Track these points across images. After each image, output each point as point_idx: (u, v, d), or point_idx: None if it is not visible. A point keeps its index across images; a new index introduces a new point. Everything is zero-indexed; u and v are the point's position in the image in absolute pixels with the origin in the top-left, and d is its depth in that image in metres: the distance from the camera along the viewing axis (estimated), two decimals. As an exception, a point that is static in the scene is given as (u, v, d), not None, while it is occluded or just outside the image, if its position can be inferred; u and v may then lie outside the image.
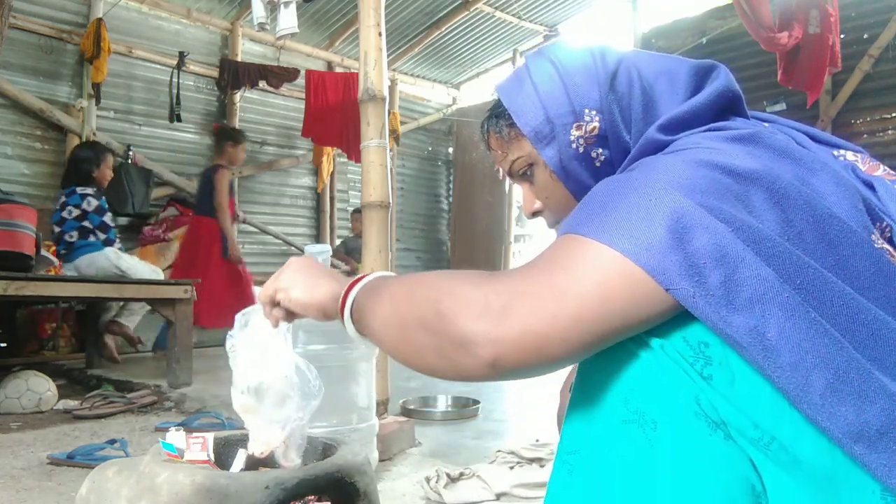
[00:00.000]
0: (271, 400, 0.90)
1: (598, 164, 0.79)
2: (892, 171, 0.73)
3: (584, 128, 0.77)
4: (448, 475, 1.62)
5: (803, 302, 0.56)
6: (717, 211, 0.58)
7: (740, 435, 0.57)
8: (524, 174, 0.86)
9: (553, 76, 0.79)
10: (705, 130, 0.71)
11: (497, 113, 0.86)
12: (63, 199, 3.65)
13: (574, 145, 0.78)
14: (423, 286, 0.63)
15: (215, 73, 6.14)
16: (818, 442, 0.56)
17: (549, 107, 0.78)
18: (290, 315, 0.89)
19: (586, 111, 0.77)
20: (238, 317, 0.95)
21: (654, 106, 0.77)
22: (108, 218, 3.64)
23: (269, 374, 0.90)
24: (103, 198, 3.69)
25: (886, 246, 0.64)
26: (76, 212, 3.56)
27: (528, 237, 8.81)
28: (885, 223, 0.67)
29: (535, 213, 0.89)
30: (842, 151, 0.75)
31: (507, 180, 1.00)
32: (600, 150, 0.78)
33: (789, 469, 0.56)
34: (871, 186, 0.70)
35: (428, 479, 1.64)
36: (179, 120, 5.81)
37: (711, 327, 0.56)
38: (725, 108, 0.76)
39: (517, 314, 0.56)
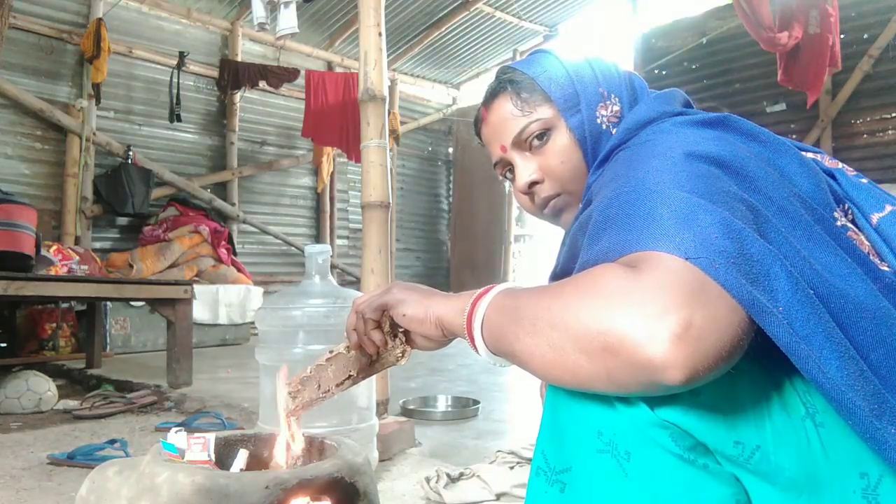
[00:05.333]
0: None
1: None
2: (850, 169, 0.79)
3: (609, 108, 0.86)
4: (448, 475, 1.62)
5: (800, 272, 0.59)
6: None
7: (719, 454, 0.58)
8: (530, 142, 0.88)
9: (580, 61, 0.89)
10: (675, 115, 0.78)
11: (514, 79, 0.89)
12: None
13: (598, 120, 0.86)
14: (569, 312, 0.57)
15: (215, 73, 6.15)
16: (799, 447, 0.57)
17: (577, 82, 0.86)
18: (386, 340, 0.84)
19: (612, 95, 0.86)
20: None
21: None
22: None
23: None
24: None
25: (849, 224, 0.70)
26: None
27: (528, 237, 8.80)
28: (846, 205, 0.73)
29: (532, 184, 0.89)
30: (803, 152, 0.78)
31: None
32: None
33: (771, 478, 0.58)
34: (832, 176, 0.76)
35: (428, 479, 1.64)
36: (179, 120, 5.81)
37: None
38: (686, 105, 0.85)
39: (702, 332, 0.52)
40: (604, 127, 0.85)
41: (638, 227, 0.60)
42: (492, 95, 0.91)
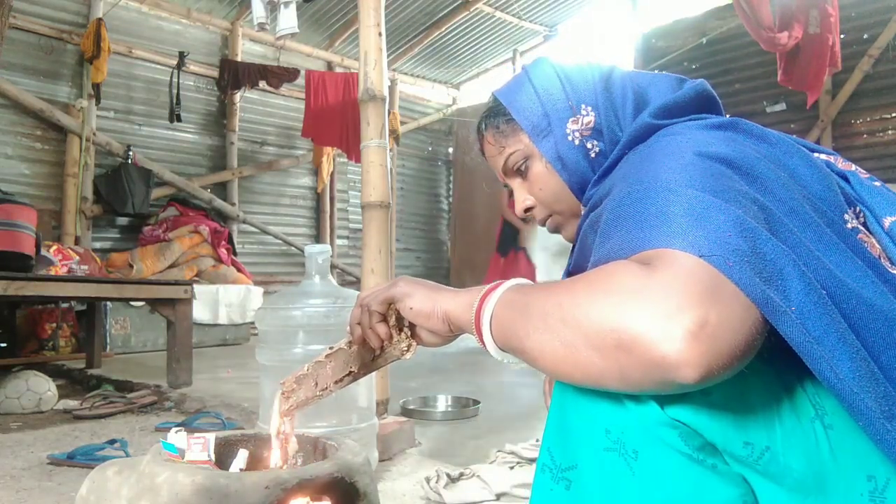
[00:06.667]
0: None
1: (592, 155, 0.85)
2: (864, 171, 0.78)
3: (580, 121, 0.85)
4: (448, 475, 1.62)
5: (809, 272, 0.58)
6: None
7: (727, 454, 0.58)
8: (518, 169, 0.91)
9: (551, 76, 0.87)
10: (687, 120, 0.77)
11: (494, 112, 0.92)
12: None
13: (570, 137, 0.85)
14: (581, 309, 0.56)
15: (215, 73, 6.14)
16: (808, 448, 0.57)
17: (546, 103, 0.86)
18: (397, 329, 0.82)
19: (583, 107, 0.85)
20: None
21: (646, 104, 0.83)
22: None
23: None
24: None
25: (860, 227, 0.70)
26: None
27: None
28: (858, 208, 0.72)
29: (527, 210, 0.93)
30: (817, 154, 0.78)
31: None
32: (595, 142, 0.85)
33: (779, 479, 0.57)
34: (845, 178, 0.76)
35: (428, 479, 1.64)
36: (179, 120, 5.81)
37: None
38: (704, 107, 0.82)
39: (717, 331, 0.51)
40: (576, 143, 0.85)
41: (651, 224, 0.59)
42: (479, 133, 0.96)
